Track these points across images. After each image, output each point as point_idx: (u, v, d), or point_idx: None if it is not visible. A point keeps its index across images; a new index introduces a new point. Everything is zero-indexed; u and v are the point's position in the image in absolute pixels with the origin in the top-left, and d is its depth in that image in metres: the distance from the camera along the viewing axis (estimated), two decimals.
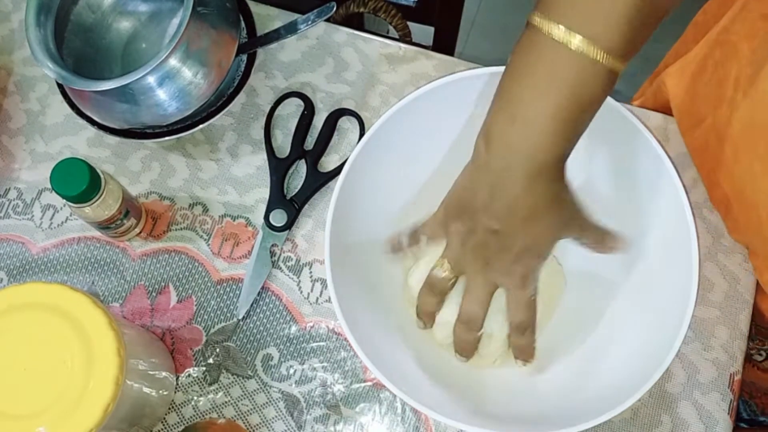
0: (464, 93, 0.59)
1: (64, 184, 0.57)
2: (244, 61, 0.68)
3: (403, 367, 0.58)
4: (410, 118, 0.58)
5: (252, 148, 0.70)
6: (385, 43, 0.73)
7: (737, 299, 0.65)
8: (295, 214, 0.67)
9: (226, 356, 0.65)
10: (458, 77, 0.57)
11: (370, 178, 0.60)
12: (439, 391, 0.58)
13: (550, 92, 0.45)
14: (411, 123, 0.59)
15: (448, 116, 0.60)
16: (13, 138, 0.71)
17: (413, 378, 0.58)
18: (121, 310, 0.67)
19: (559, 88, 0.45)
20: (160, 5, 0.70)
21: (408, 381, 0.56)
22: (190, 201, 0.69)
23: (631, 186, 0.59)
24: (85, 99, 0.64)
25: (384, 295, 0.63)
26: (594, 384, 0.57)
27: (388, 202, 0.63)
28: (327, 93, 0.72)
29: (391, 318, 0.62)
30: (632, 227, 0.59)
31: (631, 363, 0.56)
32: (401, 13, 0.96)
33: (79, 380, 0.49)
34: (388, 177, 0.62)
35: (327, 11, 0.64)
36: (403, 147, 0.60)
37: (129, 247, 0.68)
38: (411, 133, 0.60)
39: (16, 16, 0.75)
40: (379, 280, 0.62)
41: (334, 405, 0.64)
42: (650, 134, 0.56)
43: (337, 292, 0.55)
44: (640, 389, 0.52)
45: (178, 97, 0.62)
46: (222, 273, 0.67)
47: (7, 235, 0.69)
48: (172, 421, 0.64)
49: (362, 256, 0.60)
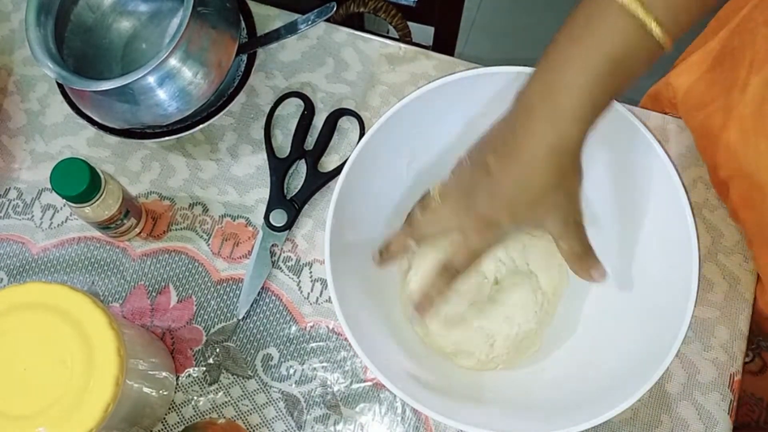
0: (465, 93, 0.59)
1: (64, 184, 0.57)
2: (244, 61, 0.68)
3: (402, 367, 0.58)
4: (411, 117, 0.58)
5: (252, 148, 0.70)
6: (385, 43, 0.73)
7: (737, 299, 0.66)
8: (295, 214, 0.67)
9: (226, 356, 0.65)
10: (458, 77, 0.57)
11: (371, 177, 0.60)
12: (439, 391, 0.58)
13: (581, 40, 0.45)
14: (411, 123, 0.59)
15: (448, 116, 0.60)
16: (13, 138, 0.71)
17: (413, 378, 0.58)
18: (121, 310, 0.67)
19: (591, 38, 0.45)
20: (160, 5, 0.70)
21: (408, 381, 0.56)
22: (190, 201, 0.69)
23: (631, 186, 0.59)
24: (85, 99, 0.64)
25: (384, 296, 0.63)
26: (594, 384, 0.57)
27: (389, 202, 0.63)
28: (327, 93, 0.72)
29: (391, 318, 0.62)
30: (632, 227, 0.59)
31: (631, 363, 0.56)
32: (401, 13, 0.96)
33: (79, 380, 0.49)
34: (388, 176, 0.62)
35: (327, 11, 0.64)
36: (403, 147, 0.60)
37: (129, 247, 0.68)
38: (411, 132, 0.60)
39: (16, 16, 0.75)
40: (380, 280, 0.62)
41: (334, 405, 0.64)
42: (650, 134, 0.56)
43: (338, 292, 0.55)
44: (641, 389, 0.52)
45: (178, 97, 0.62)
46: (222, 273, 0.67)
47: (7, 235, 0.69)
48: (172, 421, 0.64)
49: (363, 256, 0.60)
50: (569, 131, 0.47)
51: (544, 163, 0.48)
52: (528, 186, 0.49)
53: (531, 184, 0.49)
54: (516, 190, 0.49)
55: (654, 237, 0.59)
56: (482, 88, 0.58)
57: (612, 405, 0.52)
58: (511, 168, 0.49)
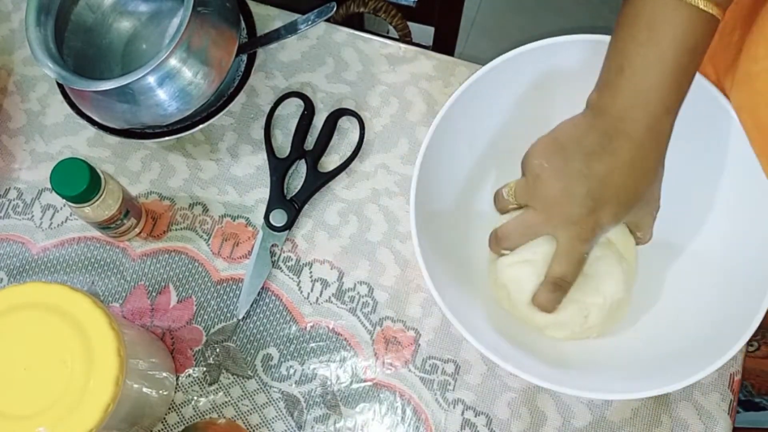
0: (550, 61, 0.60)
1: (64, 184, 0.57)
2: (244, 61, 0.68)
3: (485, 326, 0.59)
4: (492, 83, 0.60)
5: (252, 148, 0.70)
6: (385, 43, 0.73)
7: None
8: (295, 214, 0.67)
9: (226, 356, 0.65)
10: (550, 42, 0.59)
11: (455, 141, 0.61)
12: (520, 350, 0.59)
13: (654, 41, 0.48)
14: (492, 90, 0.60)
15: (531, 86, 0.61)
16: (13, 138, 0.71)
17: (496, 335, 0.59)
18: (121, 310, 0.67)
19: (663, 37, 0.48)
20: (160, 5, 0.70)
21: (491, 337, 0.57)
22: (190, 201, 0.69)
23: (706, 151, 0.60)
24: (85, 99, 0.64)
25: (471, 269, 0.63)
26: (679, 346, 0.58)
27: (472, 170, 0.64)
28: (327, 93, 0.72)
29: (477, 288, 0.63)
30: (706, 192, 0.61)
31: (714, 327, 0.57)
32: (401, 13, 0.96)
33: (79, 380, 0.49)
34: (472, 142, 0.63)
35: (327, 11, 0.64)
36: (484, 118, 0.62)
37: (129, 247, 0.68)
38: (492, 99, 0.61)
39: (16, 16, 0.75)
40: (464, 248, 0.63)
41: (334, 405, 0.64)
42: (723, 97, 0.57)
43: (427, 266, 0.56)
44: (729, 351, 0.53)
45: (178, 97, 0.62)
46: (222, 273, 0.67)
47: (7, 235, 0.69)
48: (172, 421, 0.64)
49: (447, 225, 0.62)
50: (664, 126, 0.50)
51: (648, 162, 0.51)
52: (634, 185, 0.52)
53: (637, 183, 0.52)
54: (621, 190, 0.52)
55: (729, 201, 0.60)
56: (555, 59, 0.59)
57: (695, 370, 0.53)
58: (615, 170, 0.51)
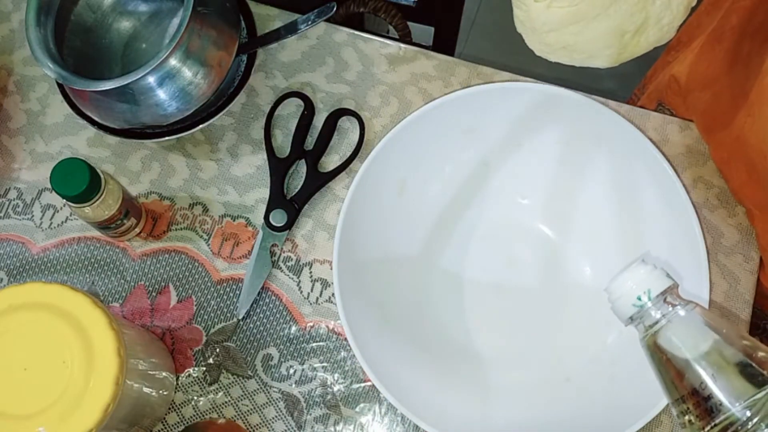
0: (475, 107, 0.59)
1: (64, 184, 0.57)
2: (244, 61, 0.68)
3: (400, 372, 0.58)
4: (419, 130, 0.59)
5: (252, 148, 0.70)
6: (385, 43, 0.73)
7: (737, 299, 0.65)
8: (295, 214, 0.67)
9: (226, 356, 0.65)
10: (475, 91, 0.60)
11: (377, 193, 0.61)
12: (441, 401, 0.58)
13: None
14: (419, 136, 0.60)
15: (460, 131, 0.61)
16: (13, 138, 0.71)
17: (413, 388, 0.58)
18: (121, 310, 0.67)
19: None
20: (160, 5, 0.70)
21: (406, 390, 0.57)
22: (190, 201, 0.69)
23: (633, 189, 0.60)
24: (85, 99, 0.64)
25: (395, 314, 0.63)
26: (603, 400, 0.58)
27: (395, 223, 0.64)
28: (327, 93, 0.72)
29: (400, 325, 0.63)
30: (635, 234, 0.59)
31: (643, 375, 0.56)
32: (401, 13, 0.96)
33: (79, 380, 0.49)
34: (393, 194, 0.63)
35: (327, 11, 0.64)
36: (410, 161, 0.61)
37: (129, 247, 0.68)
38: (419, 146, 0.60)
39: (16, 16, 0.75)
40: (388, 294, 0.63)
41: (334, 405, 0.64)
42: (647, 139, 0.56)
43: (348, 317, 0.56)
44: (656, 405, 0.53)
45: (178, 97, 0.62)
46: (222, 273, 0.67)
47: (7, 235, 0.69)
48: (172, 421, 0.64)
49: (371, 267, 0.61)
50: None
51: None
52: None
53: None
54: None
55: (659, 244, 0.59)
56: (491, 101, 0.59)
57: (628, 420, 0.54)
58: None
